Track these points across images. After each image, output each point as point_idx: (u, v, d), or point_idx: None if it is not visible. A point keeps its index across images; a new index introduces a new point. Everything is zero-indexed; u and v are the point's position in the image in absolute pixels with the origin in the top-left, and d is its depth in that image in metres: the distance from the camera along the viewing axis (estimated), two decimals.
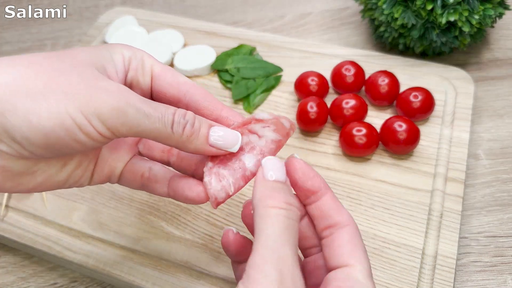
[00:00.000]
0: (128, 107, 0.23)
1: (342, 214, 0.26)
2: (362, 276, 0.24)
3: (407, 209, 0.40)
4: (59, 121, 0.22)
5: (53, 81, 0.22)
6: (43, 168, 0.26)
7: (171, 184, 0.29)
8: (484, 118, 0.49)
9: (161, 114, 0.24)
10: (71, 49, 0.26)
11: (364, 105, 0.45)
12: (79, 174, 0.28)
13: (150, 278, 0.37)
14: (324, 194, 0.26)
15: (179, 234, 0.40)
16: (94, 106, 0.22)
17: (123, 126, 0.23)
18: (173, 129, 0.24)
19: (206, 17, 0.65)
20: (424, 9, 0.47)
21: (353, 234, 0.25)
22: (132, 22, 0.58)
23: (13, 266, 0.42)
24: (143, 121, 0.23)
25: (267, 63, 0.52)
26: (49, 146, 0.23)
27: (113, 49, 0.27)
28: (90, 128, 0.23)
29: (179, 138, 0.25)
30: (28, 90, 0.22)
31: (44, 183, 0.26)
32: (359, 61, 0.52)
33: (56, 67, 0.23)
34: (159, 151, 0.30)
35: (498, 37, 0.58)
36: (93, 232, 0.41)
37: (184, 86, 0.28)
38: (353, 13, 0.63)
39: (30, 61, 0.23)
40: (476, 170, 0.45)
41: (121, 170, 0.30)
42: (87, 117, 0.22)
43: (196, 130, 0.25)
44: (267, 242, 0.22)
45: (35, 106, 0.22)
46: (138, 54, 0.28)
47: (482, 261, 0.39)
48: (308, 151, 0.45)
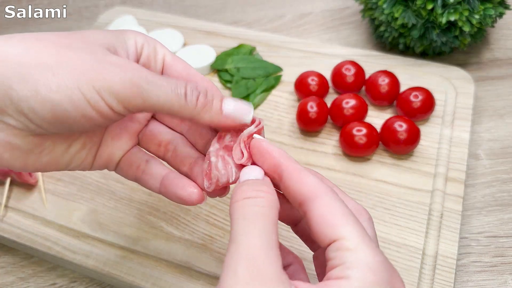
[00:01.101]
0: (140, 79, 0.23)
1: (307, 184, 0.23)
2: (354, 244, 0.21)
3: (407, 209, 0.40)
4: (68, 94, 0.22)
5: (63, 55, 0.22)
6: (50, 148, 0.26)
7: (164, 180, 0.29)
8: (484, 118, 0.49)
9: (174, 85, 0.24)
10: (82, 31, 0.26)
11: (364, 105, 0.45)
12: (82, 157, 0.28)
13: (149, 278, 0.37)
14: (284, 170, 0.24)
15: (178, 234, 0.40)
16: (106, 80, 0.22)
17: (136, 99, 0.23)
18: (187, 99, 0.24)
19: (206, 16, 0.65)
20: (424, 9, 0.47)
21: (327, 203, 0.22)
22: (131, 21, 0.58)
23: (12, 266, 0.42)
24: (156, 93, 0.23)
25: (267, 63, 0.52)
26: (56, 120, 0.22)
27: (127, 34, 0.27)
28: (102, 103, 0.22)
29: (193, 108, 0.25)
30: (38, 62, 0.22)
31: (49, 163, 0.26)
32: (359, 61, 0.51)
33: (66, 43, 0.23)
34: (156, 145, 0.30)
35: (498, 37, 0.57)
36: (92, 232, 0.41)
37: (194, 77, 0.28)
38: (353, 13, 0.63)
39: (40, 37, 0.23)
40: (476, 170, 0.45)
41: (119, 158, 0.30)
42: (98, 92, 0.22)
43: (209, 100, 0.25)
44: (233, 237, 0.21)
45: (44, 78, 0.21)
46: (151, 42, 0.28)
47: (482, 261, 0.39)
48: (308, 151, 0.45)
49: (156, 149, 0.30)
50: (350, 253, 0.21)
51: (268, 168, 0.25)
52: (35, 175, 0.44)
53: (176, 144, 0.30)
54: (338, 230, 0.21)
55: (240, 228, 0.21)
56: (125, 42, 0.26)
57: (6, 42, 0.22)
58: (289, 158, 0.25)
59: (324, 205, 0.22)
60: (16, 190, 0.44)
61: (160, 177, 0.29)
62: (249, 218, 0.22)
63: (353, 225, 0.22)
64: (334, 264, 0.21)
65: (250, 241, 0.21)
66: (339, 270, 0.21)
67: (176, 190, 0.28)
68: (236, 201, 0.23)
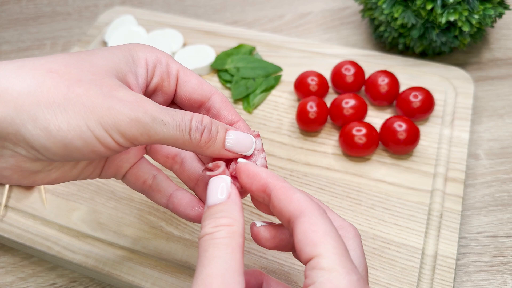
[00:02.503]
0: (145, 117, 0.23)
1: (293, 202, 0.24)
2: (330, 263, 0.21)
3: (407, 209, 0.40)
4: (78, 133, 0.22)
5: (72, 92, 0.23)
6: (58, 166, 0.27)
7: (172, 198, 0.30)
8: (484, 118, 0.49)
9: (178, 122, 0.24)
10: (91, 53, 0.26)
11: (364, 105, 0.45)
12: (90, 170, 0.29)
13: (149, 278, 0.37)
14: (273, 189, 0.25)
15: (178, 234, 0.40)
16: (113, 119, 0.23)
17: (142, 136, 0.24)
18: (191, 135, 0.25)
19: (205, 16, 0.65)
20: (424, 9, 0.47)
21: (310, 221, 0.23)
22: (131, 21, 0.58)
23: (12, 266, 0.42)
24: (160, 130, 0.24)
25: (266, 62, 0.52)
26: (67, 155, 0.23)
27: (137, 53, 0.27)
28: (109, 139, 0.23)
29: (197, 144, 0.25)
30: (48, 101, 0.22)
31: (58, 179, 0.27)
32: (359, 60, 0.52)
33: (75, 76, 0.23)
34: (163, 156, 0.31)
35: (498, 37, 0.58)
36: (92, 232, 0.41)
37: (208, 92, 0.29)
38: (353, 13, 0.63)
39: (50, 69, 0.23)
40: (476, 170, 0.45)
41: (126, 170, 0.31)
42: (107, 130, 0.23)
43: (213, 135, 0.26)
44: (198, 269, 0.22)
45: (54, 118, 0.22)
46: (163, 59, 0.28)
47: (482, 261, 0.39)
48: (308, 151, 0.45)
49: (164, 161, 0.31)
50: (323, 273, 0.21)
51: (257, 189, 0.26)
52: None
53: (184, 157, 0.31)
54: (317, 248, 0.22)
55: (201, 260, 0.22)
56: (134, 64, 0.27)
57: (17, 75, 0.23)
58: (277, 177, 0.25)
59: (307, 222, 0.23)
60: (16, 190, 0.44)
61: (167, 194, 0.30)
62: (209, 250, 0.22)
63: (332, 243, 0.22)
64: (307, 283, 0.21)
65: (208, 271, 0.22)
66: None
67: (184, 210, 0.29)
68: (200, 237, 0.24)
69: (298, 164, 0.44)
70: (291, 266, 0.37)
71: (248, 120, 0.48)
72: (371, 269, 0.37)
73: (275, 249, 0.27)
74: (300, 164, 0.44)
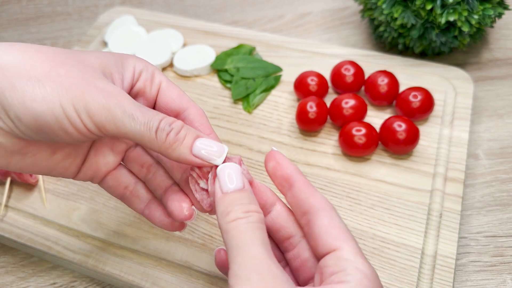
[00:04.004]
0: (116, 107, 0.24)
1: (316, 197, 0.26)
2: (352, 256, 0.24)
3: (406, 209, 0.40)
4: (50, 108, 0.24)
5: (54, 71, 0.24)
6: (34, 152, 0.27)
7: (150, 204, 0.31)
8: (483, 118, 0.49)
9: (147, 119, 0.25)
10: (84, 51, 0.27)
11: (364, 105, 0.45)
12: (66, 166, 0.29)
13: (149, 278, 0.37)
14: (297, 181, 0.27)
15: (178, 234, 0.40)
16: (85, 101, 0.24)
17: (109, 125, 0.25)
18: (157, 134, 0.25)
19: (205, 16, 0.65)
20: (423, 9, 0.47)
21: (331, 217, 0.25)
22: (131, 21, 0.58)
23: (12, 266, 0.42)
24: (128, 123, 0.25)
25: (266, 63, 0.52)
26: (38, 129, 0.24)
27: (127, 60, 0.29)
28: (78, 120, 0.24)
29: (161, 143, 0.26)
30: (30, 75, 0.24)
31: (32, 165, 0.28)
32: (359, 61, 0.52)
33: (61, 60, 0.25)
34: (139, 165, 0.31)
35: (497, 37, 0.58)
36: (92, 232, 0.41)
37: (186, 104, 0.29)
38: (352, 13, 0.63)
39: (40, 50, 0.25)
40: (476, 170, 0.45)
41: (104, 174, 0.31)
42: (76, 110, 0.24)
43: (180, 138, 0.26)
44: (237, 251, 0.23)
45: (31, 90, 0.23)
46: (150, 68, 0.29)
47: (481, 261, 0.39)
48: (307, 151, 0.45)
49: (138, 170, 0.32)
50: (349, 263, 0.24)
51: (281, 176, 0.28)
52: (36, 175, 0.44)
53: (157, 168, 0.31)
54: (340, 241, 0.24)
55: (242, 241, 0.23)
56: (122, 67, 0.28)
57: (7, 50, 0.24)
58: (301, 173, 0.28)
59: (329, 218, 0.25)
60: (16, 190, 0.44)
61: (146, 201, 0.31)
62: (248, 232, 0.24)
63: (352, 240, 0.25)
64: (334, 271, 0.24)
65: (257, 250, 0.23)
66: (341, 275, 0.23)
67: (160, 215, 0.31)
68: (229, 222, 0.24)
69: (298, 164, 0.44)
70: None
71: (248, 120, 0.48)
72: None
73: None
74: (300, 164, 0.44)
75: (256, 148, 0.46)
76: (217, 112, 0.49)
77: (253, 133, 0.47)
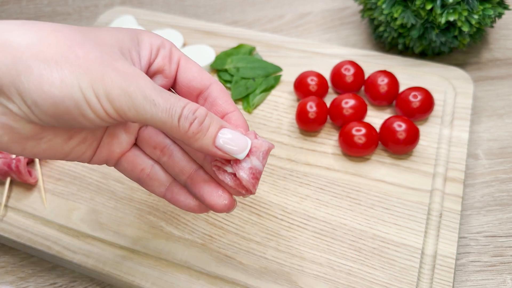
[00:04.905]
0: (137, 92, 0.23)
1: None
2: None
3: (406, 209, 0.40)
4: (69, 92, 0.22)
5: (71, 52, 0.23)
6: (49, 137, 0.26)
7: (172, 187, 0.29)
8: (483, 118, 0.49)
9: (169, 106, 0.24)
10: (98, 28, 0.26)
11: (364, 105, 0.45)
12: (82, 150, 0.28)
13: (149, 278, 0.37)
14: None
15: (178, 234, 0.40)
16: (106, 85, 0.22)
17: (130, 111, 0.23)
18: (180, 122, 0.24)
19: (205, 16, 0.65)
20: (423, 9, 0.47)
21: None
22: (131, 21, 0.58)
23: (12, 266, 0.42)
24: (150, 109, 0.23)
25: (266, 63, 0.52)
26: (57, 115, 0.23)
27: (142, 35, 0.27)
28: (98, 105, 0.23)
29: (184, 133, 0.24)
30: (46, 56, 0.22)
31: (48, 151, 0.26)
32: (359, 61, 0.52)
33: (78, 40, 0.23)
34: (151, 147, 0.30)
35: (497, 37, 0.58)
36: (92, 232, 0.41)
37: (207, 81, 0.28)
38: (352, 13, 0.63)
39: (55, 28, 0.23)
40: (476, 170, 0.45)
41: (118, 156, 0.29)
42: (96, 95, 0.22)
43: (204, 128, 0.25)
44: None
45: (49, 74, 0.22)
46: (167, 44, 0.28)
47: (481, 261, 0.39)
48: (307, 151, 0.45)
49: (151, 151, 0.30)
50: None
51: None
52: (35, 175, 0.44)
53: (173, 150, 0.30)
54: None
55: None
56: (138, 44, 0.27)
57: (21, 29, 0.23)
58: None
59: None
60: (16, 190, 0.44)
61: (166, 184, 0.29)
62: None
63: None
64: None
65: None
66: None
67: (185, 199, 0.29)
68: None
69: (298, 164, 0.44)
70: (291, 266, 0.38)
71: (248, 120, 0.48)
72: (370, 268, 0.37)
73: None
74: (299, 164, 0.44)
75: None
76: None
77: None
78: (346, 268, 0.37)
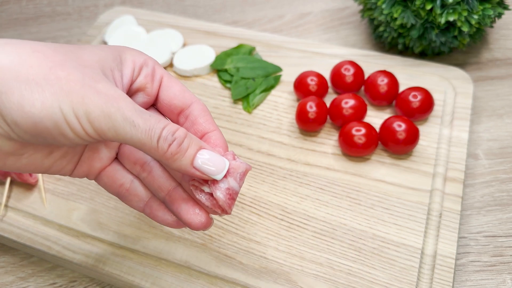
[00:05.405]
0: (117, 113, 0.23)
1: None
2: None
3: (406, 209, 0.40)
4: (49, 113, 0.23)
5: (52, 73, 0.23)
6: (30, 152, 0.26)
7: (151, 203, 0.30)
8: (483, 118, 0.49)
9: (149, 127, 0.24)
10: (80, 46, 0.26)
11: (364, 105, 0.45)
12: (63, 164, 0.28)
13: (149, 278, 0.37)
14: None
15: (178, 234, 0.40)
16: (86, 107, 0.23)
17: (110, 131, 0.24)
18: (159, 144, 0.24)
19: (205, 16, 0.65)
20: (423, 9, 0.47)
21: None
22: (131, 21, 0.58)
23: (12, 266, 0.42)
24: (129, 130, 0.24)
25: (266, 63, 0.52)
26: (37, 134, 0.23)
27: (125, 54, 0.28)
28: (78, 126, 0.23)
29: (163, 154, 0.25)
30: (28, 78, 0.22)
31: (28, 166, 0.27)
32: (359, 61, 0.52)
33: (60, 61, 0.24)
34: (132, 162, 0.30)
35: (497, 37, 0.58)
36: (92, 232, 0.41)
37: (189, 100, 0.29)
38: (352, 13, 0.63)
39: (36, 49, 0.24)
40: (475, 170, 0.45)
41: (98, 170, 0.30)
42: (77, 115, 0.23)
43: (182, 149, 0.25)
44: None
45: (30, 95, 0.22)
46: (150, 62, 0.29)
47: (481, 261, 0.39)
48: (307, 151, 0.45)
49: (131, 167, 0.30)
50: None
51: None
52: (35, 175, 0.44)
53: (153, 166, 0.30)
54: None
55: None
56: (121, 62, 0.27)
57: (3, 49, 0.23)
58: None
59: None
60: (16, 190, 0.44)
61: (145, 199, 0.30)
62: None
63: None
64: None
65: None
66: None
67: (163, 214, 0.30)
68: None
69: (298, 164, 0.44)
70: (291, 266, 0.38)
71: (248, 120, 0.48)
72: (370, 268, 0.37)
73: None
74: (299, 164, 0.44)
75: (255, 148, 0.46)
76: (217, 112, 0.49)
77: (253, 133, 0.47)
78: (346, 268, 0.37)
